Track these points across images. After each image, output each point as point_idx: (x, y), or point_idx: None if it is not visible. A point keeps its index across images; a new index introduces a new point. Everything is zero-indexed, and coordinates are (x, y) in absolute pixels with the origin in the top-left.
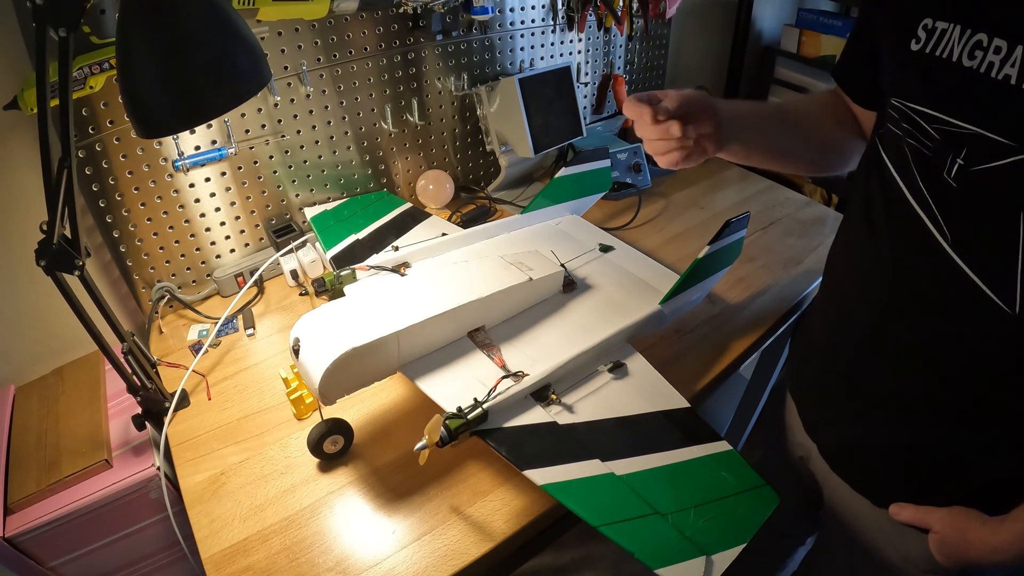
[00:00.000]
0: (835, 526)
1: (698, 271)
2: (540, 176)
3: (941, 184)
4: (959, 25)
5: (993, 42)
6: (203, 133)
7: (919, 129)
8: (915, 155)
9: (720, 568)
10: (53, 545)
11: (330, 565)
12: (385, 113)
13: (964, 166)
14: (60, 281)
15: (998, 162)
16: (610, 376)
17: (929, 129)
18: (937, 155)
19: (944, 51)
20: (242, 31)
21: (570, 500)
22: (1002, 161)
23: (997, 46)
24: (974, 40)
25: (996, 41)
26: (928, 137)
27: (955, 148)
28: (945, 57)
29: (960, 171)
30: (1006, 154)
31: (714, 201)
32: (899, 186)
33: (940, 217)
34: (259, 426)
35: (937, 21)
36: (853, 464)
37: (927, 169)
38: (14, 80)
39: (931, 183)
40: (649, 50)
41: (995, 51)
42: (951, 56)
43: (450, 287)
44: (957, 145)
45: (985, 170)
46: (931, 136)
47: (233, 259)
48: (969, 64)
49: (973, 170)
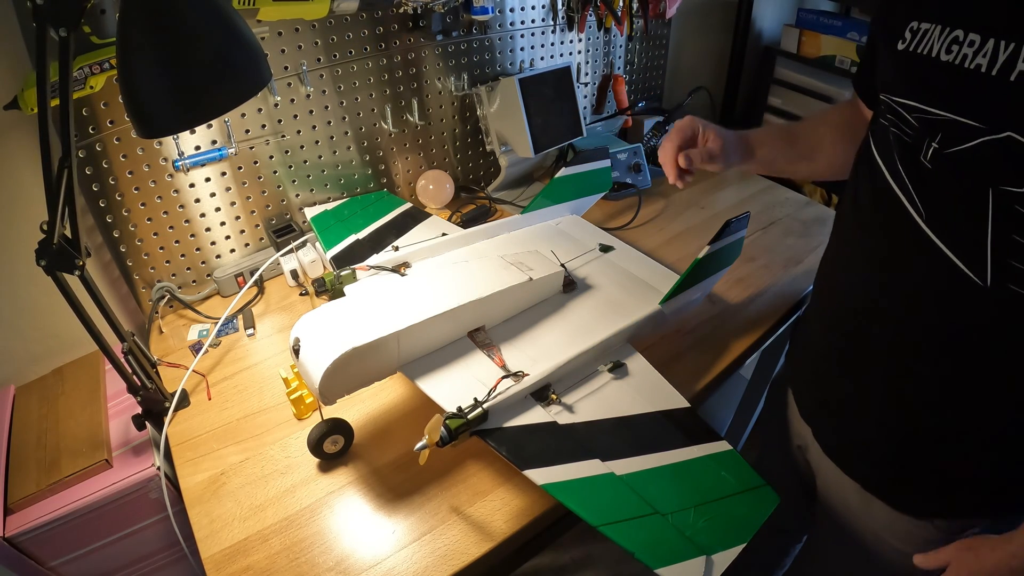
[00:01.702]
0: (828, 519)
1: (698, 271)
2: (540, 176)
3: (918, 166)
4: (939, 25)
5: (968, 36)
6: (203, 133)
7: (900, 119)
8: (897, 142)
9: (720, 568)
10: (53, 545)
11: (330, 565)
12: (385, 113)
13: (938, 149)
14: (60, 281)
15: (968, 143)
16: (610, 376)
17: (909, 118)
18: (915, 140)
19: (925, 48)
20: (242, 31)
21: (570, 500)
22: (972, 142)
23: (971, 40)
24: (952, 36)
25: (971, 36)
26: (908, 125)
27: (931, 133)
28: (926, 54)
29: (935, 153)
30: (976, 135)
31: (714, 201)
32: (882, 170)
33: (916, 196)
34: (259, 426)
35: (922, 22)
36: (846, 448)
37: (906, 153)
38: (14, 80)
39: (909, 165)
40: (649, 50)
41: (969, 44)
42: (931, 52)
43: (450, 287)
44: (933, 130)
45: (957, 151)
46: (911, 124)
47: (233, 259)
48: (946, 58)
49: (946, 152)
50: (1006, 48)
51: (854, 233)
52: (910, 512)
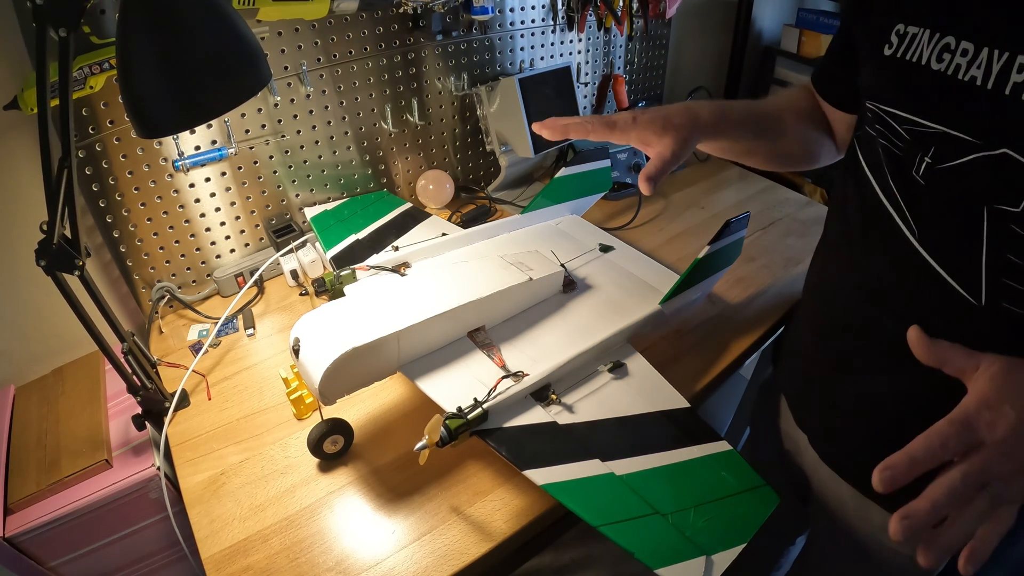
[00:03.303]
0: (824, 521)
1: (698, 271)
2: (540, 176)
3: (910, 181)
4: (928, 30)
5: (960, 45)
6: (203, 133)
7: (891, 130)
8: (887, 155)
9: (720, 568)
10: (53, 545)
11: (330, 565)
12: (385, 113)
13: (931, 164)
14: (60, 281)
15: (963, 159)
16: (610, 376)
17: (900, 130)
18: (907, 154)
19: (914, 55)
20: (242, 31)
21: (570, 500)
22: (967, 158)
23: (964, 49)
24: (942, 43)
25: (963, 44)
26: (899, 137)
27: (923, 147)
28: (915, 61)
29: (928, 169)
30: (970, 151)
31: (714, 201)
32: (872, 184)
33: (908, 213)
34: (259, 426)
35: (909, 26)
36: (840, 453)
37: (897, 167)
38: (14, 80)
39: (901, 181)
40: (649, 50)
41: (962, 54)
42: (920, 60)
43: (450, 287)
44: (925, 144)
45: (951, 167)
46: (902, 136)
47: (233, 259)
48: (937, 67)
49: (939, 167)
50: (999, 58)
51: (845, 249)
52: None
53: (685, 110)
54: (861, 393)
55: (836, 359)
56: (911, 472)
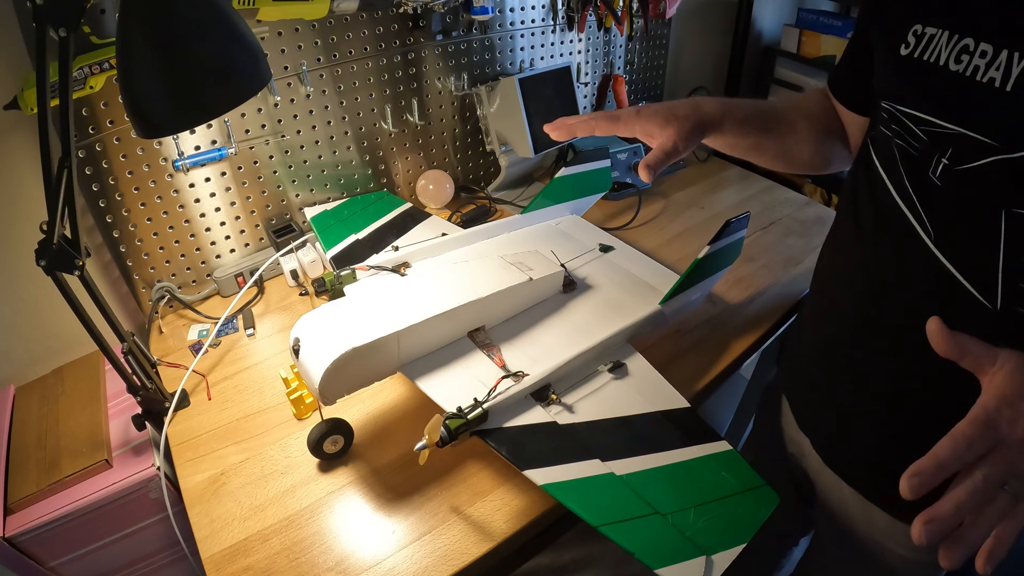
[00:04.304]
0: (828, 524)
1: (698, 271)
2: (540, 176)
3: (926, 183)
4: (947, 31)
5: (979, 47)
6: (203, 133)
7: (907, 131)
8: (903, 155)
9: (720, 568)
10: (53, 545)
11: (330, 565)
12: (385, 113)
13: (948, 165)
14: (60, 281)
15: (981, 161)
16: (610, 376)
17: (916, 130)
18: (923, 155)
19: (932, 55)
20: (242, 31)
21: (570, 500)
22: (984, 160)
23: (983, 50)
24: (961, 45)
25: (982, 46)
26: (915, 138)
27: (941, 148)
28: (933, 61)
29: (945, 170)
30: (988, 153)
31: (714, 201)
32: (886, 185)
33: (924, 215)
34: (259, 426)
35: (926, 27)
36: (844, 457)
37: (913, 168)
38: (14, 80)
39: (916, 182)
40: (649, 50)
41: (981, 55)
42: (939, 60)
43: (450, 287)
44: (943, 145)
45: (968, 169)
46: (918, 137)
47: (233, 259)
48: (956, 68)
49: (957, 169)
50: (1020, 61)
51: (856, 250)
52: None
53: (690, 103)
54: (866, 396)
55: (841, 361)
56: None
